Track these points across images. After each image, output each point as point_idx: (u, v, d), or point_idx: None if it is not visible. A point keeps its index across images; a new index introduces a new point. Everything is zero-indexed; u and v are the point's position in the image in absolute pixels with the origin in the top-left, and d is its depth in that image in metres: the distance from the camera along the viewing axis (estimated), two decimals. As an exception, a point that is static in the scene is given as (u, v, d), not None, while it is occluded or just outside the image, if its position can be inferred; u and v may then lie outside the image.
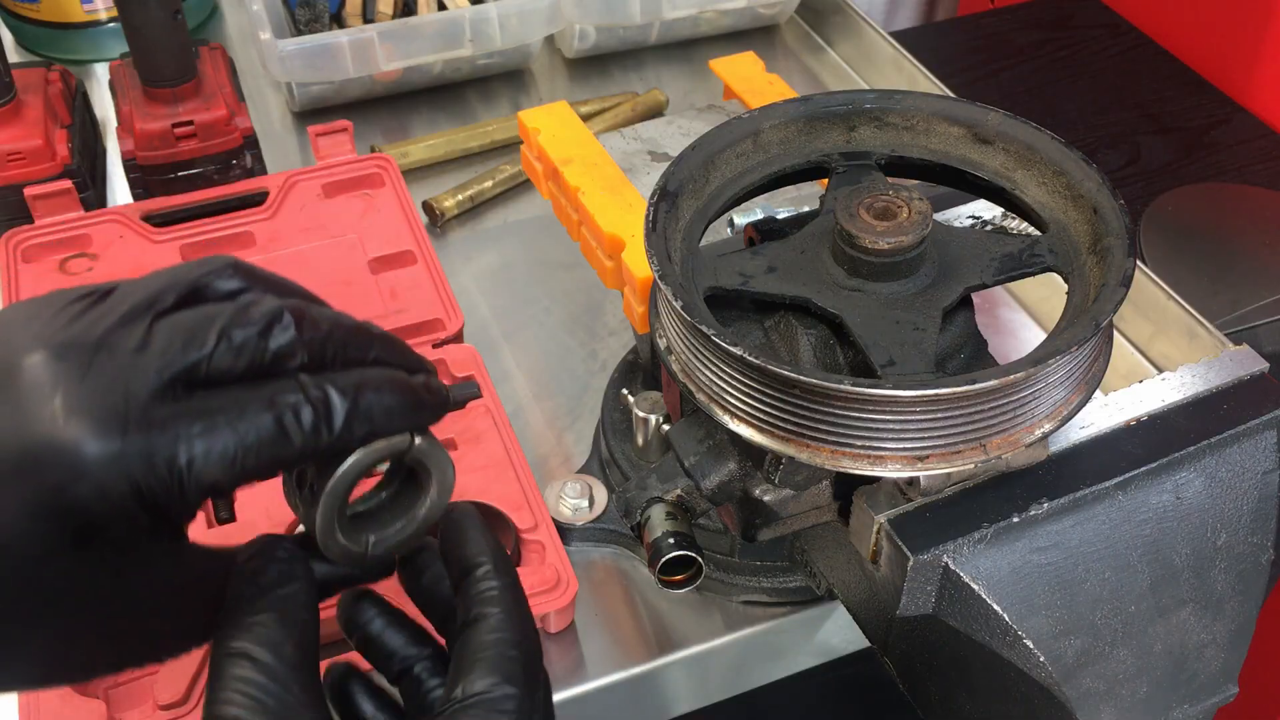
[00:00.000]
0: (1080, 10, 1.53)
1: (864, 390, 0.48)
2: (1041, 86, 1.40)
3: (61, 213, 0.89)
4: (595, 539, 0.75)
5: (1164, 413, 0.59)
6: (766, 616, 0.72)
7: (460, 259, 0.97)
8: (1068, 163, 0.59)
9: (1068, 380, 0.52)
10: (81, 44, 1.16)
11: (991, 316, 0.93)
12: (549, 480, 0.77)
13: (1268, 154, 1.28)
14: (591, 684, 0.69)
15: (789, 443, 0.51)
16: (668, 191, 0.59)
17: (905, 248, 0.54)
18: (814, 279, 0.56)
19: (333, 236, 0.89)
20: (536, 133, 0.80)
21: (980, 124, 0.62)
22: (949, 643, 0.56)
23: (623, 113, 1.08)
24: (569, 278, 0.95)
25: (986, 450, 0.51)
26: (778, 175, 0.64)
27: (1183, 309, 0.84)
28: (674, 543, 0.59)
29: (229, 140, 0.95)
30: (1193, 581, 0.56)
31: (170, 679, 0.63)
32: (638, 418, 0.73)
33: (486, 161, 1.06)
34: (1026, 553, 0.53)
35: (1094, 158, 0.59)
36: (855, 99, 0.64)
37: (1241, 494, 0.57)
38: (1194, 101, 1.36)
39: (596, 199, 0.74)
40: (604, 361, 0.88)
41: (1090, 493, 0.54)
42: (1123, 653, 0.55)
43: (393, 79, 1.10)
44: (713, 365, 0.53)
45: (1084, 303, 0.54)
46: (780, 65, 1.20)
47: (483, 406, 0.77)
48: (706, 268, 0.57)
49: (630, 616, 0.72)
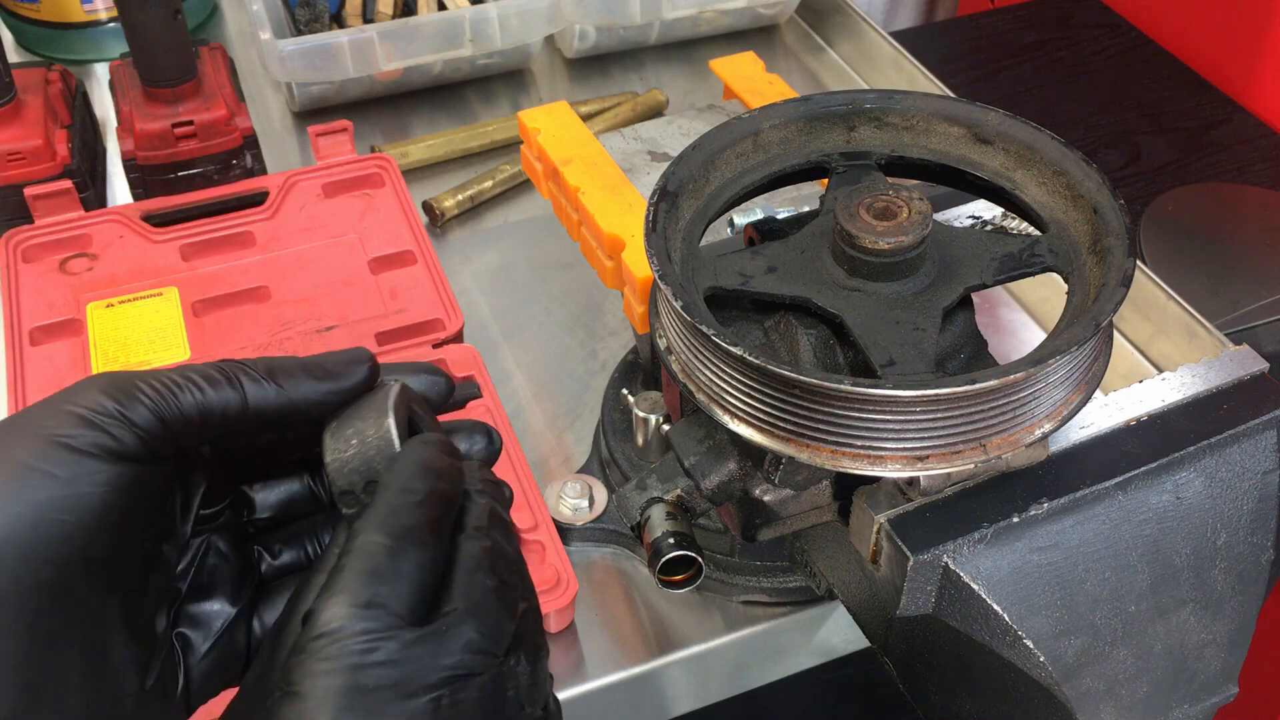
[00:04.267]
0: (1080, 10, 1.53)
1: (864, 390, 0.48)
2: (1041, 86, 1.40)
3: (61, 213, 0.89)
4: (595, 539, 0.75)
5: (1164, 413, 0.59)
6: (766, 616, 0.72)
7: (460, 259, 0.97)
8: (1068, 163, 0.59)
9: (1068, 380, 0.52)
10: (81, 44, 1.16)
11: (991, 316, 0.93)
12: (549, 480, 0.77)
13: (1268, 154, 1.28)
14: (591, 684, 0.69)
15: (789, 443, 0.51)
16: (668, 191, 0.59)
17: (905, 248, 0.54)
18: (814, 279, 0.56)
19: (333, 236, 0.89)
20: (536, 133, 0.80)
21: (980, 124, 0.62)
22: (949, 643, 0.56)
23: (623, 113, 1.08)
24: (569, 278, 0.95)
25: (986, 450, 0.51)
26: (778, 175, 0.64)
27: (1183, 309, 0.84)
28: (674, 543, 0.59)
29: (229, 140, 0.95)
30: (1193, 581, 0.56)
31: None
32: (638, 418, 0.73)
33: (486, 161, 1.06)
34: (1026, 553, 0.53)
35: (1094, 158, 0.59)
36: (855, 99, 0.64)
37: (1241, 494, 0.57)
38: (1194, 101, 1.36)
39: (596, 199, 0.74)
40: (604, 361, 0.88)
41: (1090, 493, 0.54)
42: (1123, 653, 0.55)
43: (393, 79, 1.10)
44: (713, 365, 0.53)
45: (1084, 303, 0.54)
46: (780, 65, 1.20)
47: (483, 406, 0.77)
48: (706, 268, 0.57)
49: (630, 616, 0.72)
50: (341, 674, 0.36)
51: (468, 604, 0.39)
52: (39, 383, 0.78)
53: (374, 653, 0.36)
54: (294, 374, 0.43)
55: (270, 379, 0.42)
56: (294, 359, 0.44)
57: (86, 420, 0.39)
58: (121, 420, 0.39)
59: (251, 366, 0.43)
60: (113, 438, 0.39)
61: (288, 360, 0.44)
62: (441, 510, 0.41)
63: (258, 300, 0.84)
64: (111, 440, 0.39)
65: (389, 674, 0.36)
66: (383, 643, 0.36)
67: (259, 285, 0.85)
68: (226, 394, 0.42)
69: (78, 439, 0.39)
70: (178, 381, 0.41)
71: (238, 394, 0.42)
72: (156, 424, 0.40)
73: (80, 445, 0.39)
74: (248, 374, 0.42)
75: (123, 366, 0.79)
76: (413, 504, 0.40)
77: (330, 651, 0.36)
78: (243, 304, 0.84)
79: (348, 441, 0.42)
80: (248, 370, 0.42)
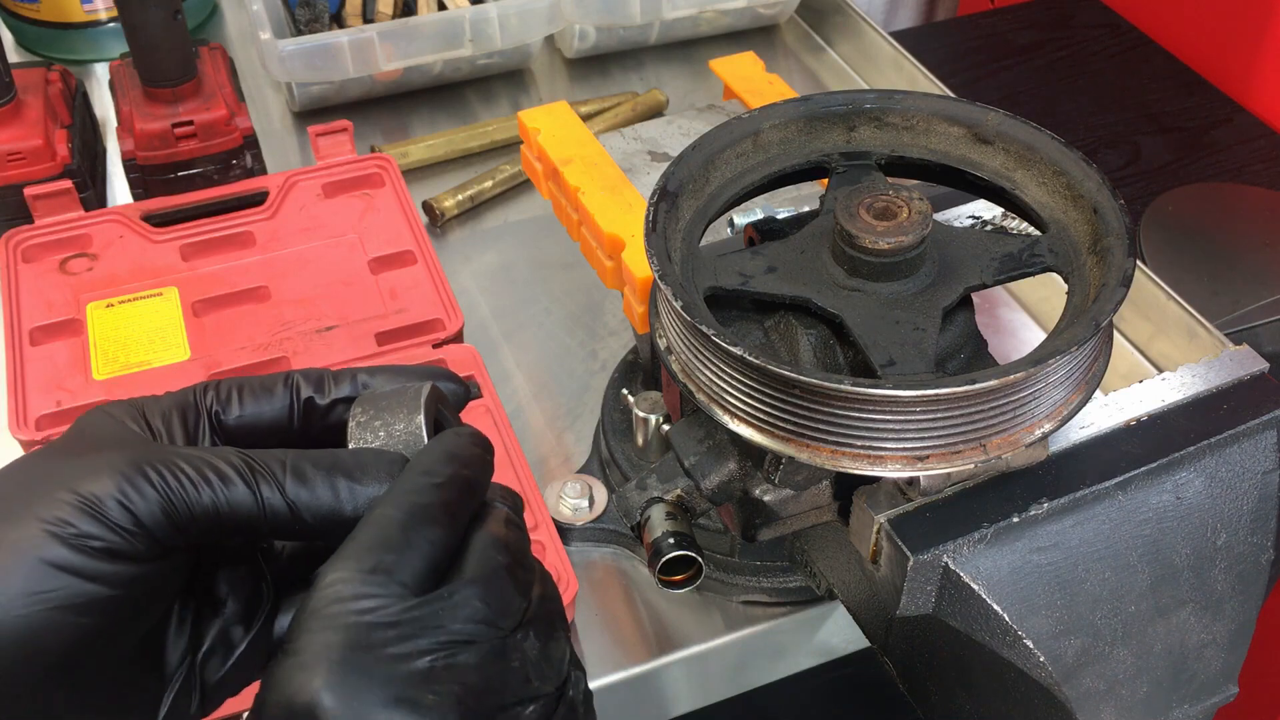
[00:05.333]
0: (1080, 10, 1.53)
1: (864, 390, 0.48)
2: (1041, 86, 1.40)
3: (61, 213, 0.89)
4: (595, 539, 0.75)
5: (1164, 413, 0.59)
6: (766, 616, 0.72)
7: (460, 259, 0.97)
8: (1068, 163, 0.59)
9: (1068, 380, 0.52)
10: (81, 44, 1.16)
11: (991, 316, 0.93)
12: (549, 480, 0.77)
13: (1268, 154, 1.28)
14: (591, 684, 0.69)
15: (789, 443, 0.51)
16: (668, 191, 0.59)
17: (905, 248, 0.54)
18: (814, 279, 0.56)
19: (333, 236, 0.89)
20: (536, 133, 0.80)
21: (980, 124, 0.62)
22: (949, 643, 0.56)
23: (623, 113, 1.08)
24: (569, 278, 0.95)
25: (986, 450, 0.51)
26: (778, 175, 0.64)
27: (1183, 309, 0.84)
28: (674, 543, 0.59)
29: (229, 140, 0.95)
30: (1193, 581, 0.56)
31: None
32: (638, 418, 0.73)
33: (486, 161, 1.06)
34: (1026, 553, 0.53)
35: (1094, 158, 0.59)
36: (855, 99, 0.64)
37: (1241, 494, 0.57)
38: (1194, 101, 1.36)
39: (596, 199, 0.74)
40: (604, 361, 0.88)
41: (1090, 493, 0.54)
42: (1123, 653, 0.55)
43: (393, 79, 1.10)
44: (713, 365, 0.53)
45: (1084, 303, 0.54)
46: (780, 65, 1.20)
47: (483, 406, 0.77)
48: (706, 268, 0.57)
49: (630, 616, 0.72)
50: (338, 632, 0.36)
51: (476, 574, 0.38)
52: (39, 383, 0.78)
53: (372, 614, 0.36)
54: (314, 481, 0.40)
55: (295, 481, 0.40)
56: (327, 455, 0.41)
57: (89, 513, 0.37)
58: (127, 518, 0.38)
59: (276, 466, 0.40)
60: (117, 535, 0.37)
61: (320, 456, 0.41)
62: (461, 495, 0.40)
63: (258, 300, 0.84)
64: (115, 539, 0.37)
65: (385, 634, 0.36)
66: (383, 606, 0.36)
67: (259, 285, 0.85)
68: (241, 494, 0.39)
69: (77, 538, 0.37)
70: (192, 475, 0.39)
71: (254, 497, 0.39)
72: (164, 523, 0.38)
73: (78, 545, 0.37)
74: (266, 478, 0.40)
75: (123, 366, 0.79)
76: (434, 484, 0.40)
77: (330, 610, 0.36)
78: (243, 304, 0.84)
79: (375, 433, 0.42)
80: (269, 471, 0.40)
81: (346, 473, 0.40)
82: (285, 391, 0.45)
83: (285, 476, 0.40)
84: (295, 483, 0.40)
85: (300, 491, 0.40)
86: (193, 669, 0.43)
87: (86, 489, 0.38)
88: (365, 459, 0.41)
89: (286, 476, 0.40)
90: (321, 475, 0.40)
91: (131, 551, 0.38)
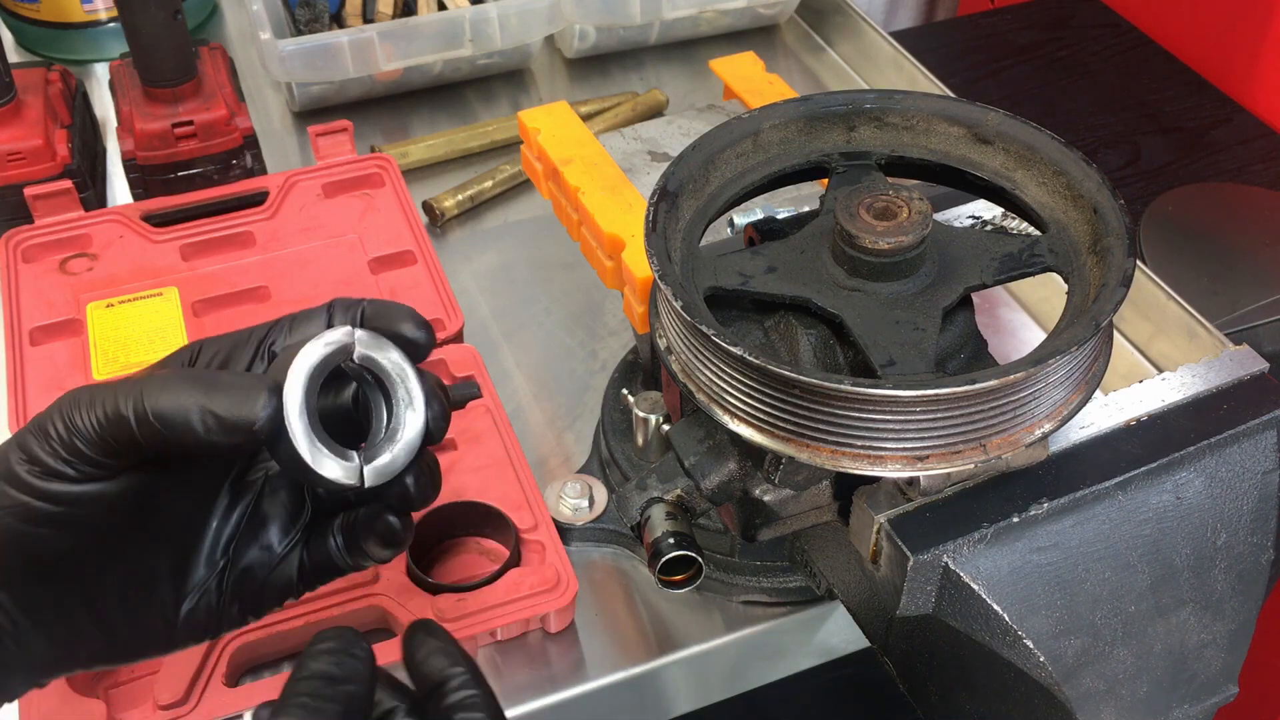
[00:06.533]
0: (1080, 10, 1.53)
1: (864, 390, 0.48)
2: (1041, 86, 1.40)
3: (61, 213, 0.89)
4: (595, 539, 0.75)
5: (1164, 413, 0.59)
6: (766, 616, 0.72)
7: (460, 259, 0.97)
8: (1068, 163, 0.59)
9: (1068, 380, 0.52)
10: (81, 44, 1.16)
11: (991, 316, 0.93)
12: (549, 480, 0.77)
13: (1268, 154, 1.28)
14: (591, 684, 0.69)
15: (789, 443, 0.51)
16: (668, 191, 0.59)
17: (905, 248, 0.54)
18: (814, 279, 0.56)
19: (333, 236, 0.89)
20: (536, 133, 0.80)
21: (980, 124, 0.62)
22: (949, 643, 0.56)
23: (623, 113, 1.08)
24: (569, 278, 0.95)
25: (986, 450, 0.51)
26: (778, 175, 0.64)
27: (1183, 309, 0.84)
28: (674, 543, 0.59)
29: (229, 140, 0.95)
30: (1193, 581, 0.56)
31: (170, 679, 0.63)
32: (638, 418, 0.73)
33: (486, 161, 1.06)
34: (1026, 553, 0.53)
35: (1094, 158, 0.59)
36: (855, 99, 0.64)
37: (1241, 494, 0.57)
38: (1194, 101, 1.36)
39: (596, 199, 0.74)
40: (604, 361, 0.88)
41: (1090, 493, 0.54)
42: (1123, 653, 0.55)
43: (393, 79, 1.10)
44: (713, 365, 0.53)
45: (1084, 303, 0.54)
46: (780, 65, 1.20)
47: (483, 406, 0.77)
48: (706, 268, 0.57)
49: (630, 616, 0.72)
50: None
51: None
52: (39, 383, 0.78)
53: None
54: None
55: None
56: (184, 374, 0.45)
57: (36, 439, 0.43)
58: (60, 444, 0.43)
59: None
60: (52, 459, 0.43)
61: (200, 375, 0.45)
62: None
63: (258, 300, 0.84)
64: (52, 463, 0.43)
65: None
66: None
67: (259, 285, 0.85)
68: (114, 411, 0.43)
69: (23, 461, 0.43)
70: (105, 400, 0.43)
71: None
72: (99, 446, 0.43)
73: (25, 467, 0.43)
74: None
75: (123, 366, 0.79)
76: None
77: None
78: (243, 304, 0.84)
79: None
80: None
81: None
82: (327, 318, 0.49)
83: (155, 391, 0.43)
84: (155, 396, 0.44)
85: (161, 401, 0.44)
86: (222, 581, 0.48)
87: (38, 420, 0.43)
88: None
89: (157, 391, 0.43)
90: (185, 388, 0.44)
91: (65, 473, 0.43)
